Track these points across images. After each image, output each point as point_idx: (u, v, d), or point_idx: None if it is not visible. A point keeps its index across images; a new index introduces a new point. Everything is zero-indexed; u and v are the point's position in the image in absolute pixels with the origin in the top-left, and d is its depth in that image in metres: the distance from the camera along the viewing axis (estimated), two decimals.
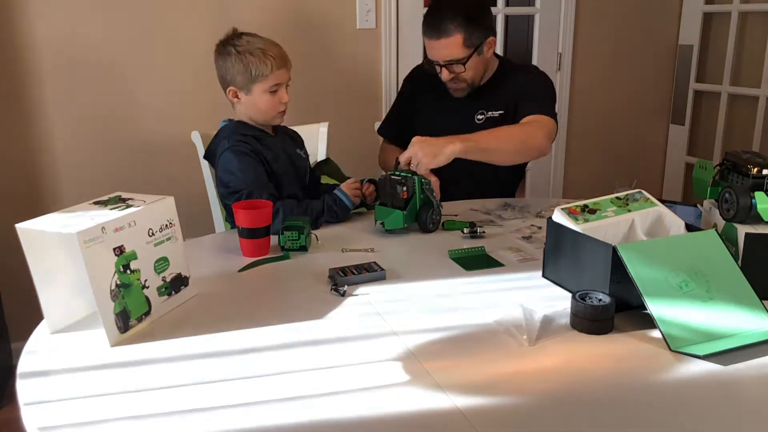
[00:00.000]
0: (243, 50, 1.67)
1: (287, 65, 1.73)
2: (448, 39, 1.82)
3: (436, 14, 1.85)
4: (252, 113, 1.74)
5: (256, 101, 1.71)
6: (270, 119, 1.76)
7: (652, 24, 3.22)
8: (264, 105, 1.71)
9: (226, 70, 1.70)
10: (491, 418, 0.89)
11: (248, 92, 1.70)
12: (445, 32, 1.82)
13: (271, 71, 1.68)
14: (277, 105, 1.72)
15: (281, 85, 1.72)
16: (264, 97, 1.70)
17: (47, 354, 1.07)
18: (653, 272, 1.13)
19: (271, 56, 1.67)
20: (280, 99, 1.72)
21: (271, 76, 1.68)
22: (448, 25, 1.82)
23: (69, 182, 2.44)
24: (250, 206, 1.49)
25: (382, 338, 1.11)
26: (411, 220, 1.62)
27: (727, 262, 1.18)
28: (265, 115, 1.74)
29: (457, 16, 1.82)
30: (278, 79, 1.70)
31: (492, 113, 2.00)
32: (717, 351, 1.03)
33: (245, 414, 0.90)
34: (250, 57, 1.66)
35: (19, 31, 2.29)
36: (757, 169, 1.26)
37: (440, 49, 1.84)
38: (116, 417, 0.90)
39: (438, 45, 1.83)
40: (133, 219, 1.12)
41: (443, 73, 1.89)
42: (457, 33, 1.82)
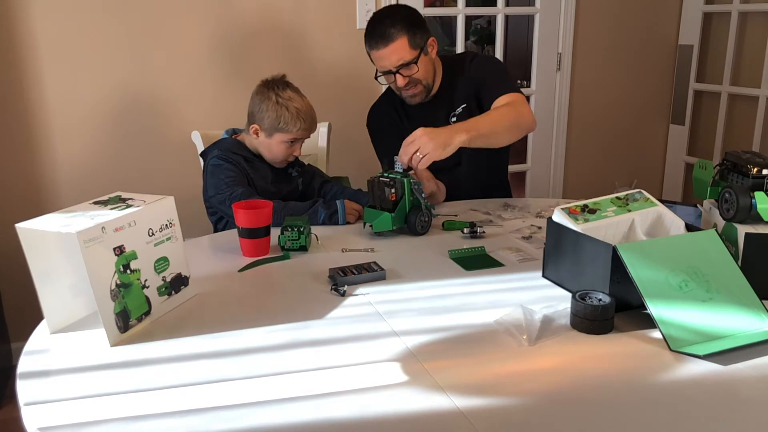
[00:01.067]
0: (283, 103, 1.80)
1: (312, 129, 1.86)
2: (394, 44, 1.85)
3: (376, 26, 1.87)
4: (263, 151, 1.86)
5: (272, 146, 1.83)
6: (276, 162, 1.87)
7: (652, 24, 3.22)
8: (277, 151, 1.84)
9: (260, 110, 1.81)
10: (492, 419, 0.89)
11: (268, 136, 1.82)
12: (390, 38, 1.84)
13: (297, 130, 1.81)
14: (288, 155, 1.85)
15: (299, 141, 1.85)
16: (281, 146, 1.83)
17: (47, 354, 1.07)
18: (653, 272, 1.13)
19: (302, 119, 1.80)
20: (293, 151, 1.85)
21: (295, 133, 1.81)
22: (390, 30, 1.84)
23: (69, 182, 2.44)
24: (250, 206, 1.49)
25: (382, 338, 1.11)
26: (400, 222, 1.60)
27: (727, 262, 1.18)
28: (273, 158, 1.86)
29: (396, 22, 1.85)
30: (299, 136, 1.83)
31: (459, 110, 2.00)
32: (717, 351, 1.03)
33: (245, 414, 0.90)
34: (285, 111, 1.79)
35: (19, 31, 2.29)
36: (757, 169, 1.26)
37: (390, 56, 1.86)
38: (116, 417, 0.90)
39: (386, 52, 1.86)
40: (133, 219, 1.12)
41: (398, 79, 1.89)
42: (400, 37, 1.85)
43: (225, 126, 2.12)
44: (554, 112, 3.17)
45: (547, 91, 3.13)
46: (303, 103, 1.82)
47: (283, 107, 1.79)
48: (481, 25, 5.05)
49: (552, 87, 3.13)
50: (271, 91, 1.81)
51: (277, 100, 1.80)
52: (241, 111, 1.93)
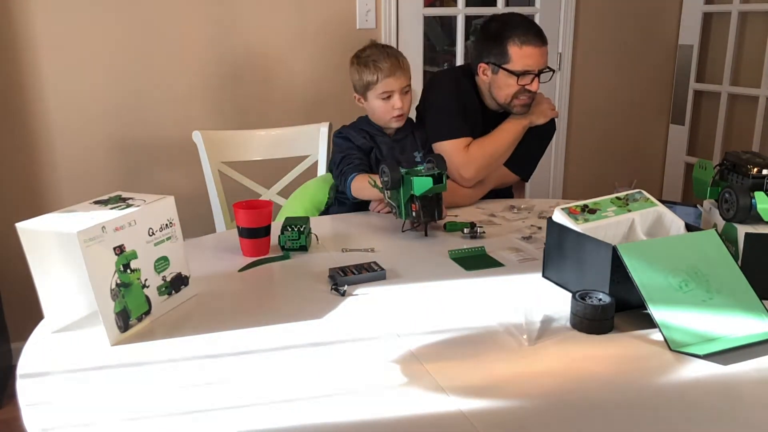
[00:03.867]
0: (361, 62, 1.83)
1: (397, 73, 1.81)
2: (547, 47, 1.87)
3: (532, 24, 1.87)
4: (372, 117, 1.88)
5: (373, 107, 1.85)
6: (385, 123, 1.86)
7: (652, 24, 3.22)
8: (379, 110, 1.84)
9: (352, 79, 1.87)
10: (493, 420, 0.89)
11: (366, 99, 1.86)
12: (546, 40, 1.86)
13: (377, 81, 1.80)
14: (390, 110, 1.82)
15: (393, 92, 1.81)
16: (377, 103, 1.83)
17: (47, 354, 1.07)
18: (653, 272, 1.13)
19: (380, 67, 1.80)
20: (393, 105, 1.82)
21: (379, 84, 1.80)
22: (544, 34, 1.87)
23: (69, 182, 2.44)
24: (250, 206, 1.49)
25: (382, 338, 1.11)
26: None
27: (727, 262, 1.18)
28: (380, 119, 1.86)
29: None
30: (387, 87, 1.80)
31: None
32: (717, 351, 1.03)
33: (245, 414, 0.90)
34: (363, 68, 1.82)
35: (19, 31, 2.29)
36: (757, 169, 1.26)
37: (544, 56, 1.86)
38: (116, 417, 0.90)
39: (543, 51, 1.86)
40: (133, 218, 1.12)
41: (534, 83, 1.86)
42: (547, 43, 1.88)
43: (226, 126, 2.13)
44: None
45: (547, 90, 3.12)
46: (381, 52, 1.82)
47: (360, 66, 1.82)
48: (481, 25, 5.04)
49: (552, 87, 3.13)
50: (354, 57, 1.86)
51: (356, 61, 1.84)
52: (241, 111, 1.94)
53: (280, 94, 2.62)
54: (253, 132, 2.21)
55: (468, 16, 2.99)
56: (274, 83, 2.61)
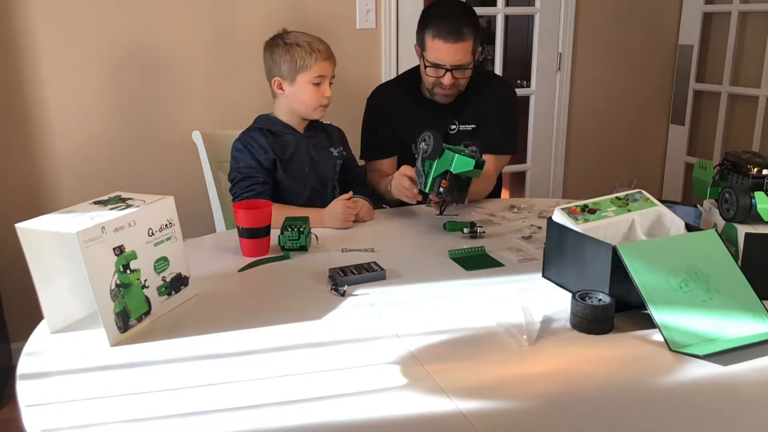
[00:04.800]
0: (291, 42, 1.74)
1: (331, 60, 1.77)
2: (463, 43, 1.81)
3: (449, 18, 1.82)
4: (294, 105, 1.78)
5: (300, 92, 1.75)
6: (311, 112, 1.78)
7: (652, 24, 3.22)
8: (306, 97, 1.75)
9: (273, 61, 1.75)
10: (493, 421, 0.89)
11: (292, 82, 1.74)
12: (461, 36, 1.81)
13: (315, 62, 1.72)
14: (319, 98, 1.75)
15: (325, 78, 1.75)
16: (307, 88, 1.74)
17: (47, 354, 1.07)
18: (653, 272, 1.13)
19: (317, 49, 1.73)
20: (323, 92, 1.75)
21: (314, 67, 1.72)
22: (464, 29, 1.81)
23: (69, 182, 2.44)
24: (250, 206, 1.49)
25: (382, 339, 1.11)
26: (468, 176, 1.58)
27: (727, 262, 1.18)
28: (307, 107, 1.77)
29: (469, 23, 1.82)
30: (322, 70, 1.73)
31: (465, 126, 1.98)
32: (717, 351, 1.03)
33: (245, 415, 0.90)
34: (296, 48, 1.72)
35: (19, 30, 2.29)
36: (757, 169, 1.26)
37: (454, 53, 1.82)
38: (116, 417, 0.90)
39: (454, 49, 1.81)
40: (133, 219, 1.12)
41: (446, 78, 1.85)
42: (469, 39, 1.82)
43: (226, 126, 2.13)
44: (554, 112, 3.17)
45: (547, 91, 3.13)
46: (310, 37, 1.76)
47: (292, 45, 1.73)
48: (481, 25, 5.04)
49: (552, 87, 3.13)
50: (277, 39, 1.78)
51: (284, 42, 1.75)
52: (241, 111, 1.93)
53: None
54: None
55: None
56: None
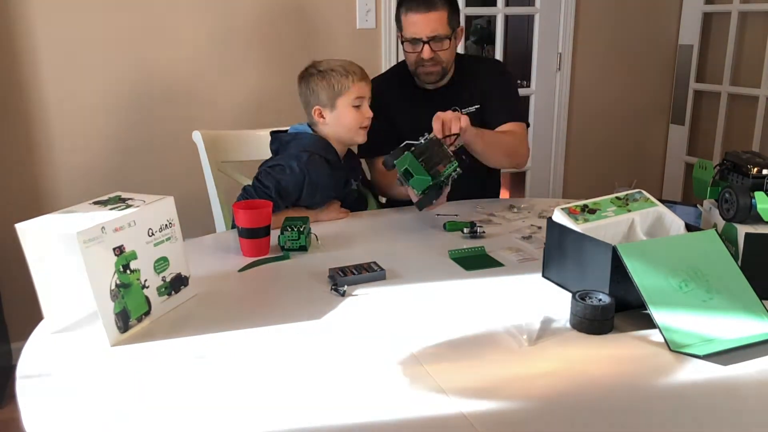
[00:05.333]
0: (325, 69, 1.74)
1: (367, 79, 1.77)
2: (436, 12, 1.81)
3: None
4: (336, 131, 1.76)
5: (341, 116, 1.74)
6: (354, 134, 1.76)
7: (652, 24, 3.22)
8: (349, 120, 1.74)
9: (311, 91, 1.74)
10: (494, 421, 0.89)
11: (333, 108, 1.73)
12: (433, 5, 1.81)
13: (352, 83, 1.72)
14: (361, 120, 1.75)
15: (364, 99, 1.75)
16: (348, 111, 1.73)
17: (47, 354, 1.07)
18: (653, 272, 1.13)
19: (352, 71, 1.73)
20: (363, 114, 1.75)
21: (353, 88, 1.72)
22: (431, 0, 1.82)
23: (69, 182, 2.44)
24: (250, 206, 1.49)
25: (382, 339, 1.11)
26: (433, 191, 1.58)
27: (727, 262, 1.18)
28: (349, 131, 1.76)
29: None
30: (360, 91, 1.73)
31: (469, 108, 1.97)
32: (717, 351, 1.03)
33: (245, 415, 0.90)
34: (332, 73, 1.72)
35: (19, 30, 2.29)
36: (757, 169, 1.26)
37: (428, 23, 1.81)
38: (116, 417, 0.90)
39: (426, 18, 1.81)
40: (132, 219, 1.12)
41: (425, 50, 1.83)
42: (442, 9, 1.82)
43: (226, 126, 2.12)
44: (554, 112, 3.17)
45: (547, 91, 3.13)
46: (343, 60, 1.76)
47: (327, 72, 1.73)
48: (481, 25, 5.05)
49: (552, 87, 3.13)
50: (310, 69, 1.77)
51: (318, 71, 1.74)
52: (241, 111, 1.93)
53: (280, 93, 2.61)
54: (253, 132, 2.20)
55: (468, 16, 2.99)
56: (274, 83, 2.61)
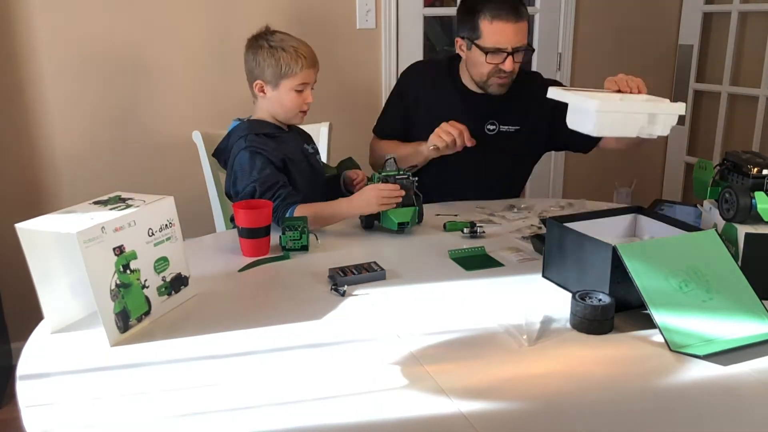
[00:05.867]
0: (276, 45, 1.69)
1: (316, 66, 1.74)
2: (524, 22, 1.75)
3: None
4: (275, 109, 1.75)
5: (282, 98, 1.72)
6: (291, 117, 1.76)
7: (652, 24, 3.22)
8: (289, 102, 1.72)
9: (257, 63, 1.71)
10: (494, 422, 0.89)
11: (275, 87, 1.71)
12: (521, 15, 1.74)
13: (300, 69, 1.69)
14: (301, 104, 1.73)
15: (307, 85, 1.72)
16: (290, 95, 1.71)
17: (47, 354, 1.07)
18: (653, 273, 1.13)
19: (303, 55, 1.69)
20: (304, 98, 1.73)
21: (300, 74, 1.69)
22: (521, 8, 1.75)
23: (69, 182, 2.44)
24: (250, 206, 1.49)
25: (382, 339, 1.11)
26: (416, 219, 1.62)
27: (727, 263, 1.18)
28: (287, 112, 1.74)
29: (523, 4, 1.78)
30: (306, 78, 1.71)
31: (507, 128, 1.92)
32: (717, 351, 1.03)
33: (245, 415, 0.90)
34: (282, 53, 1.68)
35: (19, 30, 2.29)
36: (757, 169, 1.26)
37: (518, 33, 1.75)
38: (116, 417, 0.90)
39: (517, 28, 1.74)
40: (132, 219, 1.12)
41: (507, 62, 1.76)
42: (526, 17, 1.76)
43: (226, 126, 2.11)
44: None
45: None
46: (297, 41, 1.72)
47: (278, 50, 1.68)
48: None
49: None
50: (260, 40, 1.72)
51: (269, 45, 1.69)
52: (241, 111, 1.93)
53: None
54: None
55: None
56: None
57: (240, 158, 1.67)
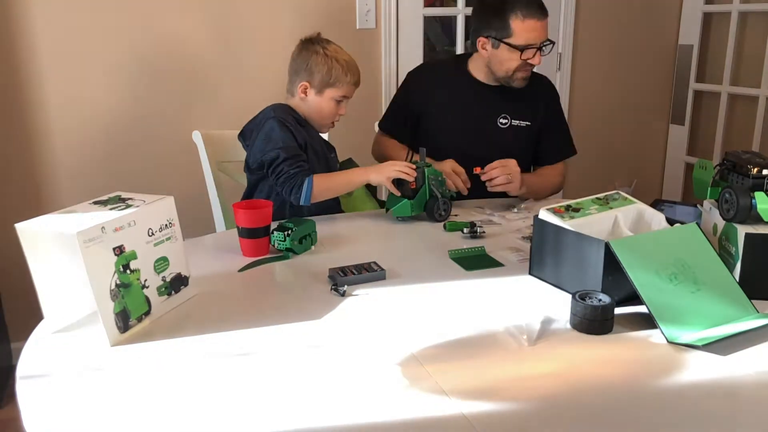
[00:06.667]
0: (331, 55, 1.75)
1: (358, 84, 1.81)
2: (548, 19, 1.85)
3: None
4: (311, 113, 1.80)
5: (322, 104, 1.78)
6: (322, 125, 1.83)
7: (652, 24, 3.22)
8: (327, 110, 1.78)
9: (307, 66, 1.76)
10: (494, 422, 0.89)
11: (319, 93, 1.77)
12: (546, 12, 1.85)
13: (347, 83, 1.76)
14: (335, 114, 1.80)
15: (347, 99, 1.80)
16: (330, 103, 1.78)
17: (47, 354, 1.07)
18: (645, 267, 1.15)
19: (352, 72, 1.77)
20: (339, 111, 1.80)
21: (345, 87, 1.77)
22: (545, 6, 1.85)
23: (69, 182, 2.44)
24: (250, 206, 1.49)
25: (382, 339, 1.11)
26: (419, 209, 1.69)
27: (709, 255, 1.21)
28: (322, 119, 1.81)
29: None
30: (349, 92, 1.78)
31: (518, 122, 1.99)
32: (714, 340, 1.04)
33: (245, 415, 0.90)
34: (335, 63, 1.75)
35: (19, 30, 2.29)
36: (757, 169, 1.26)
37: (545, 29, 1.85)
38: (116, 417, 0.90)
39: (544, 25, 1.84)
40: (132, 219, 1.12)
41: (537, 57, 1.87)
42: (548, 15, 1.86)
43: (226, 126, 2.12)
44: None
45: None
46: (349, 57, 1.79)
47: (333, 59, 1.75)
48: None
49: None
50: (317, 45, 1.77)
51: (325, 53, 1.75)
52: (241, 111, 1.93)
53: (280, 93, 2.61)
54: None
55: (468, 16, 2.98)
56: (273, 83, 2.61)
57: (268, 126, 1.71)
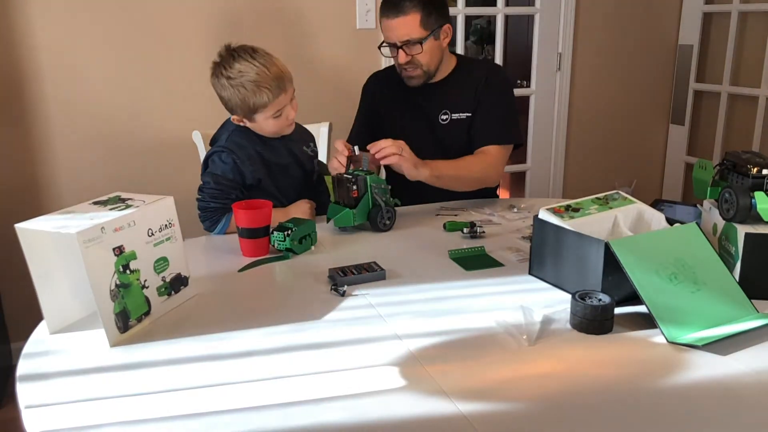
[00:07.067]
0: (236, 84, 1.58)
1: (285, 86, 1.63)
2: (405, 17, 1.82)
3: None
4: (261, 131, 1.70)
5: (262, 126, 1.67)
6: (278, 134, 1.72)
7: (652, 24, 3.22)
8: (269, 128, 1.67)
9: (227, 99, 1.64)
10: (495, 422, 0.89)
11: (251, 120, 1.66)
12: (403, 10, 1.81)
13: (269, 101, 1.60)
14: (282, 125, 1.68)
15: (284, 107, 1.64)
16: (269, 122, 1.65)
17: (47, 355, 1.07)
18: (645, 267, 1.15)
19: (266, 87, 1.58)
20: (285, 118, 1.66)
21: (270, 104, 1.61)
22: (406, 3, 1.81)
23: (69, 182, 2.44)
24: (249, 206, 1.49)
25: (382, 339, 1.11)
26: (362, 218, 1.63)
27: (708, 254, 1.20)
28: (273, 133, 1.70)
29: None
30: (278, 105, 1.62)
31: (458, 115, 1.96)
32: (713, 340, 1.04)
33: (244, 416, 0.90)
34: (244, 91, 1.58)
35: (19, 30, 2.29)
36: (757, 169, 1.26)
37: (398, 28, 1.82)
38: (116, 418, 0.90)
39: (396, 24, 1.82)
40: (132, 219, 1.12)
41: (400, 55, 1.86)
42: (413, 12, 1.82)
43: None
44: (554, 112, 3.17)
45: (547, 91, 3.13)
46: (257, 68, 1.58)
47: (239, 87, 1.57)
48: (481, 25, 5.05)
49: (552, 87, 3.13)
50: (219, 72, 1.61)
51: (230, 84, 1.59)
52: None
53: None
54: None
55: (468, 16, 2.99)
56: None
57: (216, 152, 1.67)
